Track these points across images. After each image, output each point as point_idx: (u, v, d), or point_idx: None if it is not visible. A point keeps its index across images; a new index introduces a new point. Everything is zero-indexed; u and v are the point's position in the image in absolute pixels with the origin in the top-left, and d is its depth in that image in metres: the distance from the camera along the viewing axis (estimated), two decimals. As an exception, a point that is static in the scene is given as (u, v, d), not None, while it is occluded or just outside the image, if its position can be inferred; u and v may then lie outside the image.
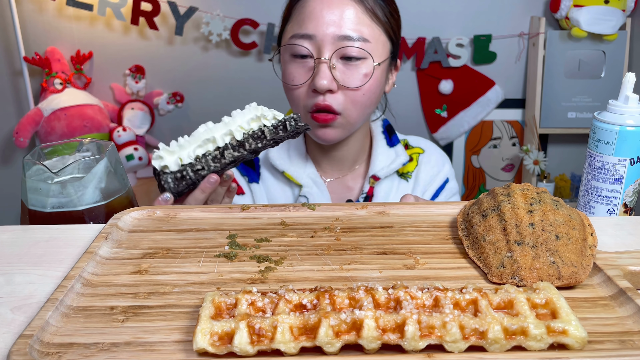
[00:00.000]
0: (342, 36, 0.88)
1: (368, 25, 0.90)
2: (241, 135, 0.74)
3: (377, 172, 1.02)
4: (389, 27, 0.94)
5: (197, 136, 0.73)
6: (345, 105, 0.91)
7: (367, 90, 0.91)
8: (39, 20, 2.07)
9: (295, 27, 0.92)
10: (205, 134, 0.73)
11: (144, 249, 0.57)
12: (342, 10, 0.88)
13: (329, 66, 0.89)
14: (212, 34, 2.05)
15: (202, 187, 0.73)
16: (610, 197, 0.72)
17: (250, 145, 0.74)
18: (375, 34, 0.91)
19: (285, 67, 0.94)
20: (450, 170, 1.09)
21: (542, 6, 2.13)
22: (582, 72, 2.14)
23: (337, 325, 0.39)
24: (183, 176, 0.72)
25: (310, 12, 0.90)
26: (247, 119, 0.74)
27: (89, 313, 0.45)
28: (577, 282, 0.48)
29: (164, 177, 0.72)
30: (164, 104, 2.15)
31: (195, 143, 0.72)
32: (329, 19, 0.88)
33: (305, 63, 0.91)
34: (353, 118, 0.93)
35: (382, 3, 0.92)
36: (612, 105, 0.70)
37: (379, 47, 0.92)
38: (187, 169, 0.72)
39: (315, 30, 0.89)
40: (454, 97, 2.21)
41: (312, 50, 0.90)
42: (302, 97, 0.92)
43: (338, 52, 0.89)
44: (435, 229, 0.61)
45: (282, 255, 0.55)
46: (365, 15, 0.90)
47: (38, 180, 0.72)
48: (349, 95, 0.91)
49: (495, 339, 0.38)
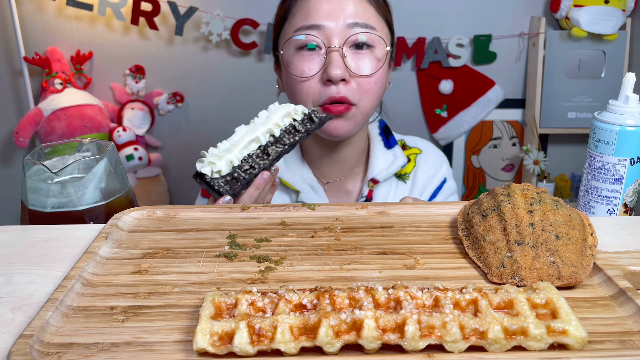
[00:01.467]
0: (351, 24, 0.88)
1: (373, 15, 0.91)
2: (279, 131, 0.77)
3: (376, 175, 1.01)
4: (387, 15, 0.95)
5: (239, 138, 0.75)
6: (360, 96, 0.90)
7: (378, 79, 0.91)
8: (39, 20, 2.07)
9: (299, 21, 0.90)
10: (248, 135, 0.75)
11: (144, 249, 0.57)
12: (347, 1, 0.89)
13: (341, 55, 0.88)
14: (212, 34, 2.05)
15: (257, 184, 0.75)
16: (610, 197, 0.72)
17: (288, 139, 0.78)
18: (380, 22, 0.92)
19: (292, 62, 0.91)
20: (448, 170, 1.09)
21: (542, 6, 2.13)
22: (582, 72, 2.14)
23: (337, 325, 0.39)
24: (235, 178, 0.74)
25: (314, 4, 0.89)
26: (280, 115, 0.77)
27: (89, 313, 0.45)
28: (577, 282, 0.48)
29: (216, 182, 0.73)
30: (164, 104, 2.15)
31: (240, 145, 0.75)
32: (335, 8, 0.88)
33: (314, 54, 0.89)
34: (367, 108, 0.92)
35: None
36: (612, 105, 0.70)
37: (384, 36, 0.92)
38: (236, 170, 0.74)
39: (321, 20, 0.88)
40: (454, 97, 2.21)
41: (322, 40, 0.89)
42: (313, 90, 0.89)
43: (348, 41, 0.88)
44: (435, 229, 0.61)
45: (282, 255, 0.55)
46: (368, 4, 0.91)
47: (38, 180, 0.72)
48: (361, 85, 0.90)
49: (495, 339, 0.38)
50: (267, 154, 0.76)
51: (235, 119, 2.19)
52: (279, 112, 0.77)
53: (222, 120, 2.20)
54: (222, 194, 0.73)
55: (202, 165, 0.73)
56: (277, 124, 0.77)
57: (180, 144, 2.26)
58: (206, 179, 0.73)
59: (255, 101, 2.17)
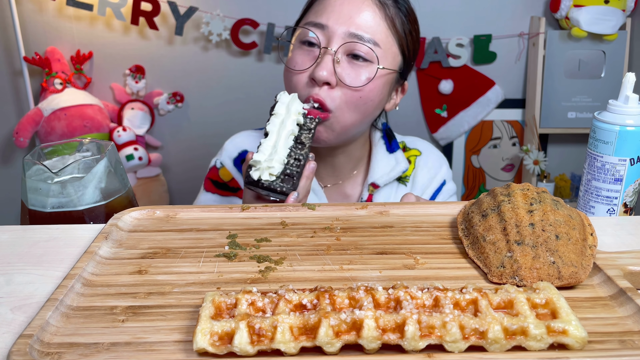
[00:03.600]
0: (354, 34, 0.87)
1: (383, 32, 0.89)
2: (302, 119, 0.80)
3: (376, 179, 1.01)
4: (405, 42, 0.92)
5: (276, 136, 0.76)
6: (339, 104, 0.88)
7: (366, 95, 0.89)
8: (39, 20, 2.07)
9: (311, 16, 0.91)
10: (283, 130, 0.77)
11: (144, 249, 0.57)
12: (361, 10, 0.88)
13: (333, 59, 0.87)
14: (212, 34, 2.05)
15: (307, 175, 0.77)
16: (610, 197, 0.72)
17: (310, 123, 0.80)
18: (389, 42, 0.90)
19: (292, 53, 0.93)
20: (448, 172, 1.08)
21: (542, 6, 2.13)
22: (582, 72, 2.14)
23: (337, 325, 0.39)
24: (288, 174, 0.75)
25: (329, 4, 0.89)
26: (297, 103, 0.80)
27: (89, 313, 0.45)
28: (577, 282, 0.48)
29: (276, 184, 0.74)
30: (164, 104, 2.15)
31: (281, 141, 0.76)
32: (345, 14, 0.88)
33: (311, 51, 0.90)
34: (346, 121, 0.90)
35: (404, 18, 0.91)
36: (612, 105, 0.70)
37: (388, 56, 0.90)
38: (286, 167, 0.76)
39: (328, 21, 0.88)
40: (454, 97, 2.21)
41: (322, 39, 0.88)
42: (301, 85, 0.90)
43: (346, 47, 0.87)
44: (435, 229, 0.61)
45: (282, 255, 0.55)
46: (383, 20, 0.89)
47: (38, 180, 0.72)
48: (346, 95, 0.88)
49: (495, 339, 0.38)
50: (301, 142, 0.78)
51: (235, 118, 2.19)
52: (295, 100, 0.80)
53: (222, 120, 2.20)
54: (286, 194, 0.74)
55: (260, 172, 0.73)
56: (298, 112, 0.79)
57: (180, 144, 2.26)
58: (263, 185, 0.73)
59: (255, 101, 2.17)
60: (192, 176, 2.23)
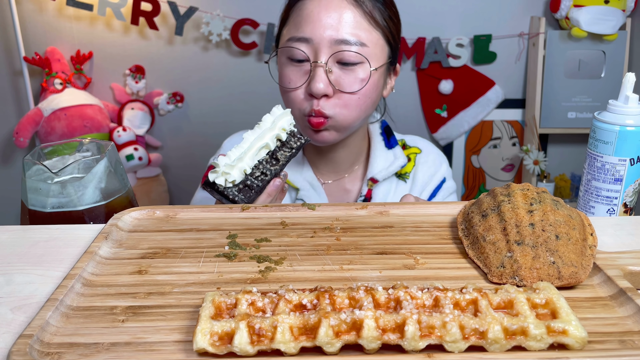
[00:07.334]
0: (339, 40, 0.87)
1: (366, 29, 0.89)
2: (285, 135, 0.77)
3: (375, 174, 1.02)
4: (388, 31, 0.92)
5: (249, 145, 0.75)
6: (339, 110, 0.90)
7: (363, 95, 0.90)
8: (39, 20, 2.07)
9: (292, 30, 0.91)
10: (258, 142, 0.75)
11: (144, 249, 0.57)
12: (340, 14, 0.88)
13: (326, 70, 0.88)
14: (212, 34, 2.05)
15: (269, 192, 0.76)
16: (610, 197, 0.72)
17: (294, 143, 0.78)
18: (374, 38, 0.90)
19: (282, 70, 0.93)
20: (448, 170, 1.09)
21: (542, 6, 2.13)
22: (582, 72, 2.14)
23: (337, 325, 0.39)
24: (248, 185, 0.74)
25: (307, 15, 0.89)
26: (287, 119, 0.77)
27: (89, 313, 0.45)
28: (577, 282, 0.48)
29: (230, 191, 0.73)
30: (164, 104, 2.15)
31: (251, 152, 0.74)
32: (326, 22, 0.87)
33: (301, 67, 0.90)
34: (345, 121, 0.91)
35: (381, 6, 0.91)
36: (612, 105, 0.70)
37: (377, 52, 0.91)
38: (249, 178, 0.74)
39: (312, 34, 0.88)
40: (454, 97, 2.21)
41: (309, 53, 0.89)
42: (299, 100, 0.91)
43: (335, 56, 0.88)
44: (435, 229, 0.61)
45: (282, 255, 0.55)
46: (363, 19, 0.89)
47: (38, 180, 0.72)
48: (344, 99, 0.89)
49: (495, 339, 0.38)
50: (276, 159, 0.77)
51: (235, 119, 2.19)
52: (285, 116, 0.78)
53: (222, 120, 2.20)
54: (236, 202, 0.72)
55: (216, 175, 0.72)
56: (283, 128, 0.77)
57: (180, 144, 2.26)
58: (218, 188, 0.73)
59: (255, 101, 2.17)
60: (192, 176, 2.23)
